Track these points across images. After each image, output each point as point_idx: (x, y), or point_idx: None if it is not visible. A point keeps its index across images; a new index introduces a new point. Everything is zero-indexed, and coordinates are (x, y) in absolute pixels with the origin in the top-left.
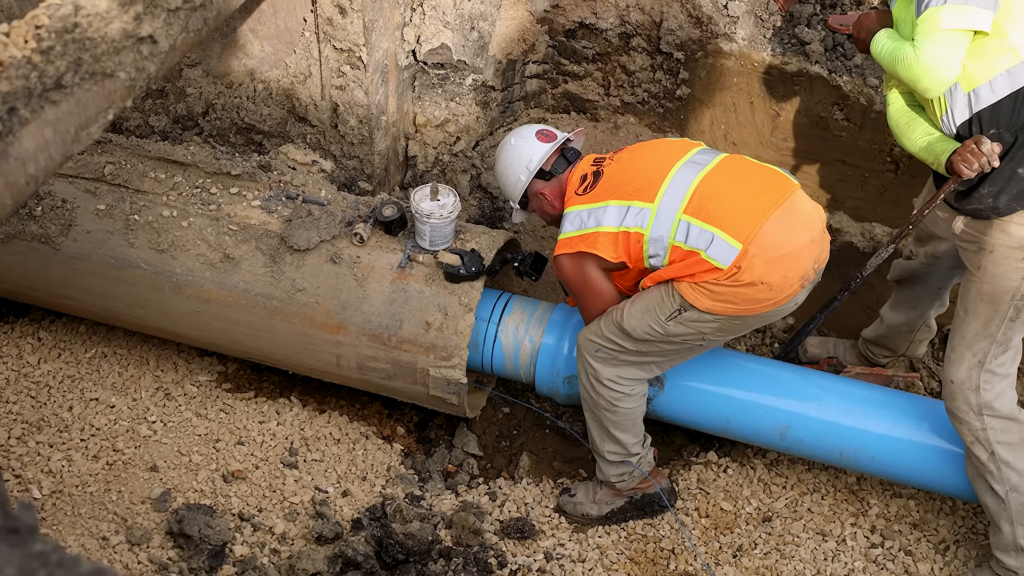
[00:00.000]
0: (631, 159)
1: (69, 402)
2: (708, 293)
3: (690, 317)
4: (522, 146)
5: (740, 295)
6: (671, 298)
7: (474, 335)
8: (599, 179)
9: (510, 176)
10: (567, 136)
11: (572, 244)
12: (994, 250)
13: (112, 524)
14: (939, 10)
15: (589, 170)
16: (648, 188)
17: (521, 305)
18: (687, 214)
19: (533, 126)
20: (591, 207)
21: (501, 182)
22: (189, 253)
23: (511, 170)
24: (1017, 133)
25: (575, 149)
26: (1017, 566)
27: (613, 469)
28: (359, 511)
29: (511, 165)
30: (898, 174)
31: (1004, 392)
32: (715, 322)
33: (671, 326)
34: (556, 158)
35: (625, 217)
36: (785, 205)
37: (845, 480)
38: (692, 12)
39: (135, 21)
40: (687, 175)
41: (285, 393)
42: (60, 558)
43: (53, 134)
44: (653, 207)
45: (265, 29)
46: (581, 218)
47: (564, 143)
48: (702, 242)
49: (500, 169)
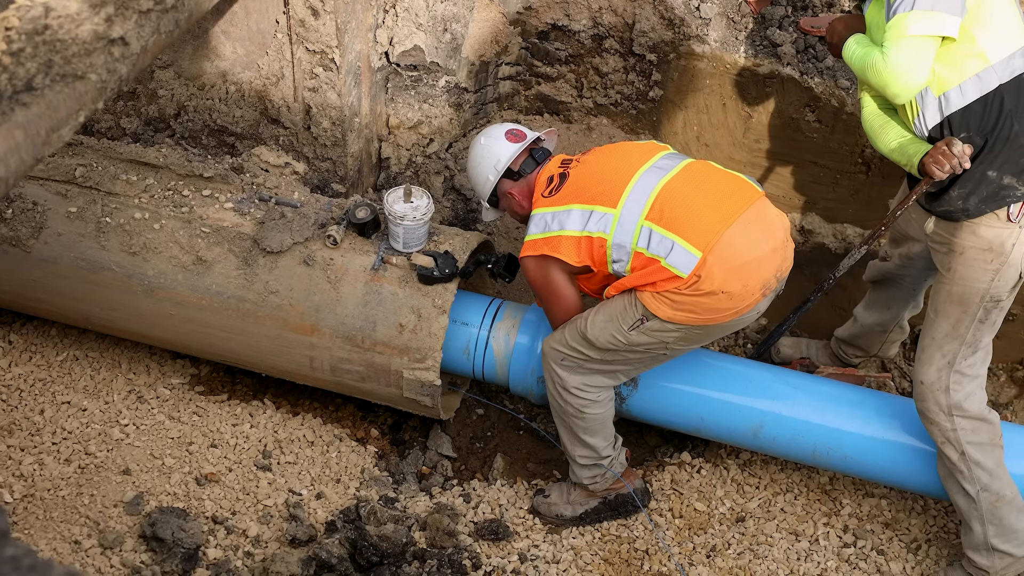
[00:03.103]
0: (596, 162)
1: (40, 405)
2: (669, 303)
3: (652, 327)
4: (491, 146)
5: (701, 304)
6: (633, 308)
7: (465, 341)
8: (564, 181)
9: (480, 175)
10: (537, 136)
11: (536, 247)
12: (964, 252)
13: (84, 528)
14: (907, 16)
15: (556, 171)
16: (611, 193)
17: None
18: (649, 220)
19: (503, 125)
20: (555, 210)
21: (472, 181)
22: (161, 256)
23: (480, 169)
24: (987, 136)
25: (545, 149)
26: (988, 565)
27: (585, 472)
28: (333, 513)
29: (480, 164)
30: (869, 175)
31: (974, 393)
32: (677, 331)
33: (633, 335)
34: (525, 158)
35: (588, 222)
36: (748, 213)
37: (818, 480)
38: (664, 14)
39: (106, 23)
40: (650, 180)
41: (258, 396)
42: (32, 562)
43: (23, 136)
44: (616, 212)
45: (237, 31)
46: (545, 221)
47: (534, 143)
48: (662, 249)
49: (470, 168)
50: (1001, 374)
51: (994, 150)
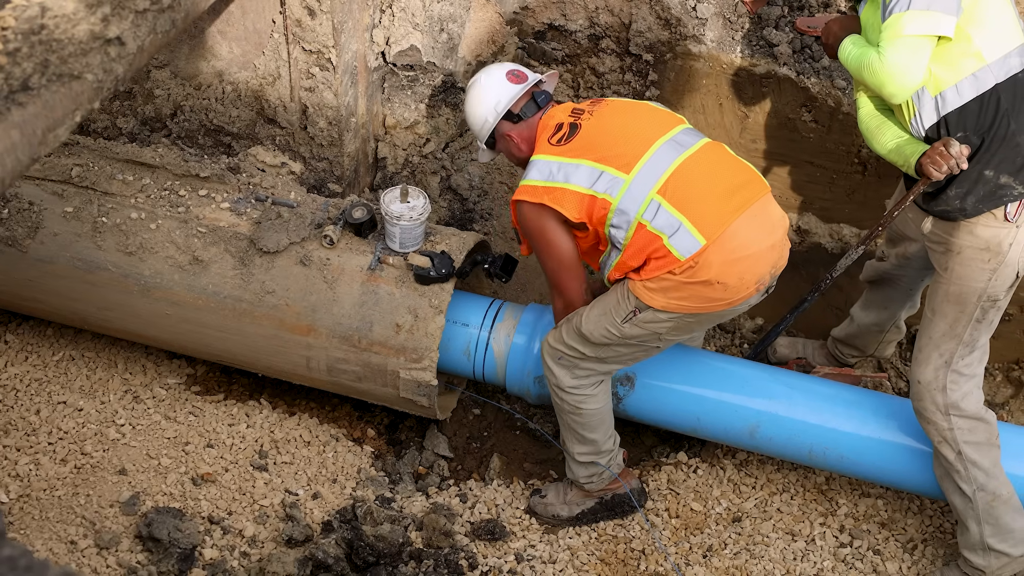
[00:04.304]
0: (611, 120)
1: (36, 405)
2: (663, 291)
3: (645, 318)
4: (491, 86)
5: (695, 293)
6: (626, 300)
7: (465, 342)
8: (575, 132)
9: (478, 116)
10: (539, 78)
11: (536, 194)
12: (961, 251)
13: (80, 528)
14: (902, 16)
15: (566, 120)
16: (625, 158)
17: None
18: (660, 195)
19: (504, 65)
20: (562, 161)
21: (469, 121)
22: (158, 255)
23: (479, 110)
24: (984, 136)
25: (546, 92)
26: (984, 564)
27: (583, 470)
28: (329, 513)
29: (479, 105)
30: (866, 175)
31: (971, 392)
32: (669, 321)
33: (627, 328)
34: (526, 101)
35: (596, 181)
36: (754, 207)
37: (814, 480)
38: (661, 14)
39: (102, 23)
40: (667, 154)
41: (255, 396)
42: (28, 562)
43: (20, 136)
44: (627, 179)
45: (234, 31)
46: (551, 169)
47: (535, 85)
48: (668, 228)
49: (468, 108)
50: (997, 374)
51: (991, 150)
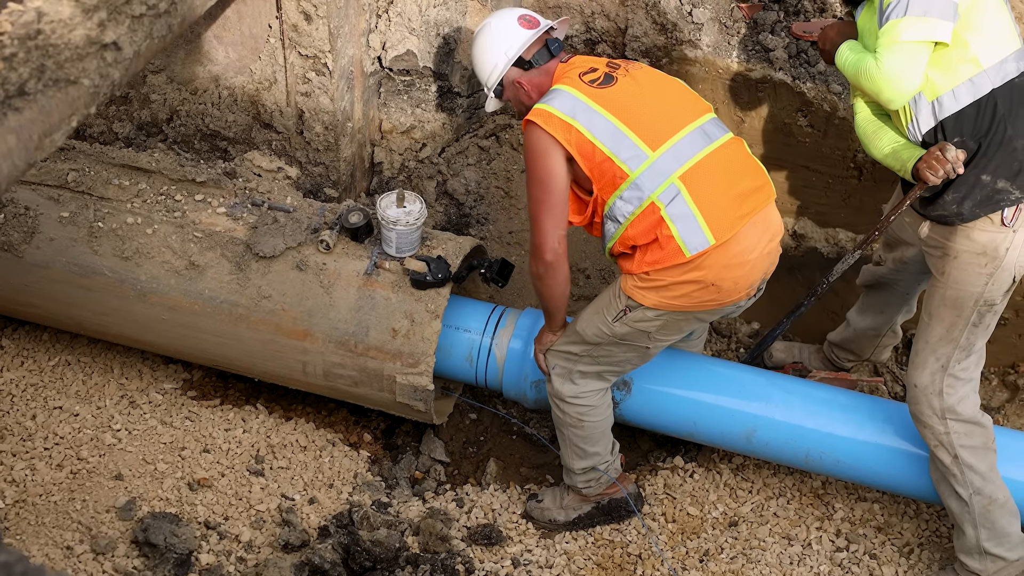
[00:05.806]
0: (649, 87)
1: (32, 411)
2: (655, 289)
3: (634, 317)
4: (502, 30)
5: (688, 292)
6: (617, 299)
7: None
8: (611, 83)
9: (487, 61)
10: (551, 24)
11: (552, 123)
12: (958, 256)
13: (77, 533)
14: (899, 22)
15: (603, 67)
16: (654, 133)
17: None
18: (682, 181)
19: (516, 10)
20: (589, 104)
21: (476, 67)
22: (154, 260)
23: (489, 55)
24: (981, 140)
25: (558, 40)
26: (980, 568)
27: (580, 476)
28: (326, 518)
29: (489, 49)
30: (862, 180)
31: (967, 396)
32: (658, 319)
33: (617, 327)
34: (538, 48)
35: (620, 146)
36: (761, 214)
37: (810, 484)
38: (657, 19)
39: (99, 28)
40: (695, 142)
41: (251, 400)
42: (24, 568)
43: (16, 141)
44: (652, 156)
45: (230, 35)
46: (575, 105)
47: (547, 31)
48: (680, 217)
49: (477, 53)
50: (993, 378)
51: (988, 154)
